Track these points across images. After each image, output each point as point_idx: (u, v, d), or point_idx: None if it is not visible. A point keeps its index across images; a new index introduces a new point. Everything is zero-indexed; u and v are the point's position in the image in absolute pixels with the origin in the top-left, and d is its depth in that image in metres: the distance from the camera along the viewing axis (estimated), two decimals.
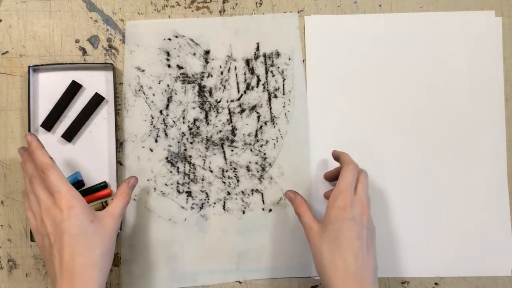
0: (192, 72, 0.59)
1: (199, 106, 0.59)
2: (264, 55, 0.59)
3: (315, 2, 0.61)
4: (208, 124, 0.59)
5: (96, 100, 0.58)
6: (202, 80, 0.59)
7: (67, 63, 0.58)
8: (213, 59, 0.59)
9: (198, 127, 0.59)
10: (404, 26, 0.60)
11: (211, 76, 0.59)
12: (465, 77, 0.60)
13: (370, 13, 0.61)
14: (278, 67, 0.59)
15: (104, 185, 0.57)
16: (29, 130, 0.56)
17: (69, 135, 0.57)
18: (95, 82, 0.58)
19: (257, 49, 0.59)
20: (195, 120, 0.59)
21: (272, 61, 0.59)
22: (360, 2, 0.61)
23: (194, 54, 0.59)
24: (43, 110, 0.58)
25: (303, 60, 0.60)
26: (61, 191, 0.46)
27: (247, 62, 0.59)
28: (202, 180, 0.58)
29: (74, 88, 0.58)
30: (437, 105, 0.60)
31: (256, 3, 0.60)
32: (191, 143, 0.58)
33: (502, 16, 0.61)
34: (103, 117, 0.58)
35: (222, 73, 0.59)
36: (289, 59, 0.59)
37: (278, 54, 0.59)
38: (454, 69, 0.60)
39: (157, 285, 0.58)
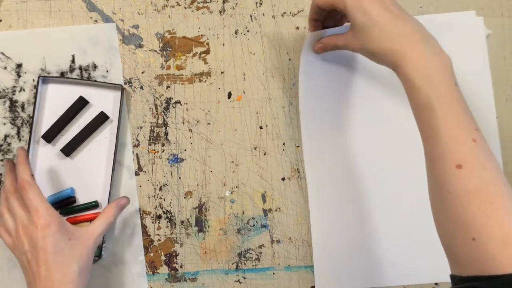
0: (2, 86, 0.58)
1: (10, 122, 0.58)
2: (80, 68, 0.58)
3: None
4: (20, 140, 0.58)
5: (101, 119, 0.57)
6: (13, 94, 0.58)
7: (77, 79, 0.58)
8: (25, 73, 0.58)
9: (9, 144, 0.58)
10: None
11: (24, 90, 0.58)
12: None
13: None
14: (96, 80, 0.58)
15: (95, 205, 0.57)
16: (30, 139, 0.56)
17: (69, 150, 0.57)
18: (103, 101, 0.58)
19: (73, 61, 0.58)
20: (6, 136, 0.58)
21: (89, 74, 0.58)
22: None
23: (5, 68, 0.58)
24: (47, 121, 0.58)
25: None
26: (38, 209, 0.47)
27: (62, 74, 0.58)
28: None
29: (80, 104, 0.57)
30: None
31: (256, 3, 0.60)
32: (1, 160, 0.58)
33: (502, 16, 0.61)
34: (105, 136, 0.58)
35: (35, 86, 0.58)
36: (107, 71, 0.58)
37: (95, 66, 0.58)
38: None
39: (157, 285, 0.58)
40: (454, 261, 0.42)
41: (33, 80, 0.58)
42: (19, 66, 0.58)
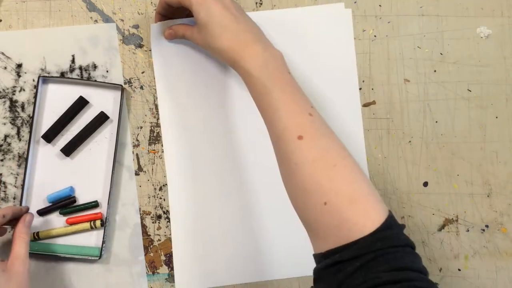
0: (2, 86, 0.58)
1: (10, 122, 0.58)
2: (80, 68, 0.58)
3: (315, 1, 0.61)
4: (20, 140, 0.58)
5: (101, 119, 0.57)
6: (13, 94, 0.58)
7: (77, 79, 0.58)
8: (25, 73, 0.58)
9: (9, 144, 0.58)
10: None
11: (24, 90, 0.58)
12: (322, 75, 0.59)
13: (370, 13, 0.60)
14: (96, 80, 0.59)
15: (95, 205, 0.57)
16: (30, 139, 0.56)
17: (69, 150, 0.57)
18: (103, 101, 0.58)
19: (73, 61, 0.58)
20: (6, 136, 0.58)
21: (89, 74, 0.59)
22: (360, 2, 0.61)
23: (5, 68, 0.58)
24: (47, 121, 0.58)
25: None
26: None
27: (62, 74, 0.58)
28: (14, 199, 0.58)
29: (80, 104, 0.57)
30: None
31: (256, 3, 0.60)
32: (1, 160, 0.58)
33: (502, 16, 0.61)
34: (105, 136, 0.58)
35: (35, 86, 0.58)
36: (107, 71, 0.58)
37: (95, 66, 0.58)
38: (311, 65, 0.59)
39: (157, 285, 0.58)
40: (313, 235, 0.43)
41: (33, 80, 0.58)
42: (19, 66, 0.58)
